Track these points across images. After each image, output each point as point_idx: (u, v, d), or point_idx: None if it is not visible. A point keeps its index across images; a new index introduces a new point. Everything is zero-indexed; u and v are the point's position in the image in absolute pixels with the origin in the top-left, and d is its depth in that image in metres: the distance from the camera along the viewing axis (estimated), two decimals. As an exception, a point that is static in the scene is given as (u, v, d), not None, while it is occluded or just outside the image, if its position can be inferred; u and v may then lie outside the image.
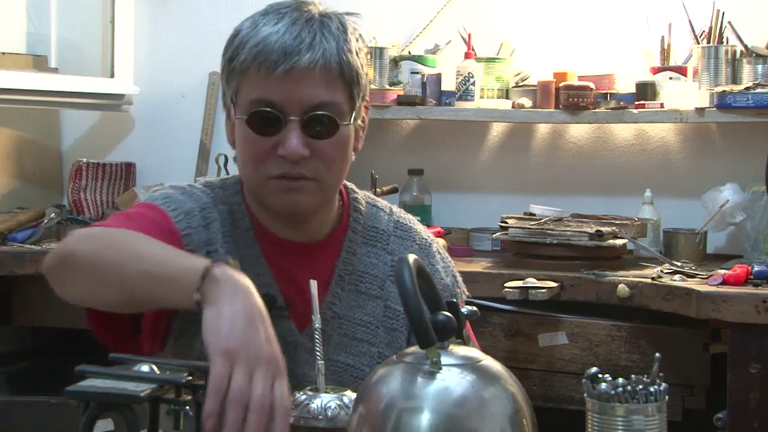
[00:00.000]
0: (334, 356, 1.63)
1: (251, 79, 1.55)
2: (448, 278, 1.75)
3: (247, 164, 1.60)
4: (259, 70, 1.54)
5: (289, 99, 1.53)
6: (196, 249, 1.57)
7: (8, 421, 2.89)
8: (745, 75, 2.98)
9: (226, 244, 1.61)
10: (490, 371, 1.19)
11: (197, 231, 1.59)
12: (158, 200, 1.61)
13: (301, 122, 1.54)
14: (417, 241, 1.74)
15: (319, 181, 1.58)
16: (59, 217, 3.32)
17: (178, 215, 1.58)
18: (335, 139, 1.57)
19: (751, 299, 2.48)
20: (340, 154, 1.59)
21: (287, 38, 1.53)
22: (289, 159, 1.54)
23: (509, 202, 3.34)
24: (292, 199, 1.57)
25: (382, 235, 1.71)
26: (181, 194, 1.62)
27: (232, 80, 1.59)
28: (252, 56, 1.54)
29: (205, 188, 1.66)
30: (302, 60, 1.52)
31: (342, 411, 1.32)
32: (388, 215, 1.74)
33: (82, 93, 3.49)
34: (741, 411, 2.50)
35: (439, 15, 3.42)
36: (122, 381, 1.18)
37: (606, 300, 2.72)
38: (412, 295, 1.17)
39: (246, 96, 1.57)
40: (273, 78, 1.53)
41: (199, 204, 1.62)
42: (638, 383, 1.21)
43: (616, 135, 3.34)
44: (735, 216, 2.95)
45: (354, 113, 1.60)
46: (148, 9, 3.71)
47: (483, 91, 3.24)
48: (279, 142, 1.55)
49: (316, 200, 1.60)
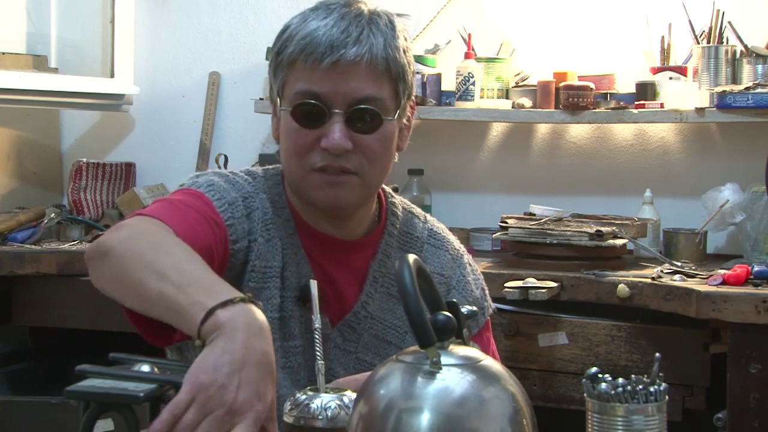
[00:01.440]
0: (362, 355, 1.65)
1: (298, 72, 1.56)
2: (477, 291, 1.76)
3: (290, 156, 1.60)
4: (305, 62, 1.55)
5: (334, 92, 1.55)
6: (239, 239, 1.57)
7: (8, 421, 2.89)
8: (745, 75, 2.98)
9: (267, 232, 1.61)
10: (490, 371, 1.19)
11: (240, 221, 1.58)
12: (203, 187, 1.59)
13: (345, 115, 1.55)
14: (450, 251, 1.75)
15: (361, 176, 1.58)
16: (59, 217, 3.32)
17: (222, 205, 1.57)
18: (379, 134, 1.58)
19: (751, 299, 2.48)
20: (383, 150, 1.59)
21: (335, 32, 1.54)
22: (331, 151, 1.55)
23: (509, 202, 3.34)
24: (335, 193, 1.58)
25: (416, 242, 1.72)
26: (225, 182, 1.62)
27: (279, 73, 1.60)
28: (299, 48, 1.55)
29: (248, 176, 1.66)
30: (348, 53, 1.53)
31: (342, 411, 1.31)
32: (423, 223, 1.75)
33: (82, 93, 3.50)
34: (741, 411, 2.50)
35: (439, 15, 3.42)
36: (122, 381, 1.18)
37: (606, 300, 2.72)
38: (412, 295, 1.17)
39: (292, 88, 1.58)
40: (319, 70, 1.54)
41: (242, 193, 1.61)
42: (638, 383, 1.21)
43: (616, 135, 3.34)
44: (735, 216, 2.95)
45: (399, 111, 1.60)
46: (148, 9, 3.71)
47: (483, 91, 3.24)
48: (323, 134, 1.56)
49: (357, 196, 1.61)
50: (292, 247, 1.62)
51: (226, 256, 1.56)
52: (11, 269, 3.03)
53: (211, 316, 1.23)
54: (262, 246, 1.60)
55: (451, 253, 1.75)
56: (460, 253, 1.78)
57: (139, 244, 1.41)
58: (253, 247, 1.59)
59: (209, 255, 1.49)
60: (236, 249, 1.57)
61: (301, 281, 1.62)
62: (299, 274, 1.62)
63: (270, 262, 1.60)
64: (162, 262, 1.35)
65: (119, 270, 1.39)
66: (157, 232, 1.45)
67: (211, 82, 3.64)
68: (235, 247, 1.57)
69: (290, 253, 1.62)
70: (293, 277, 1.62)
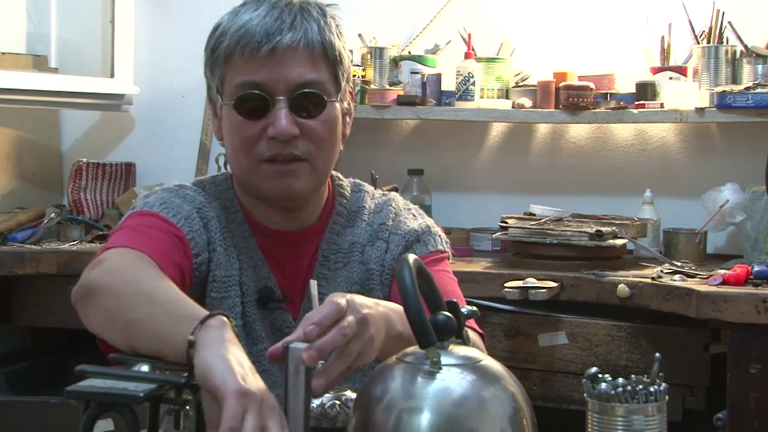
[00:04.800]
0: None
1: (236, 65, 1.57)
2: (415, 223, 1.72)
3: (238, 151, 1.60)
4: (243, 53, 1.55)
5: (274, 79, 1.55)
6: (200, 251, 1.58)
7: (8, 421, 2.89)
8: (745, 75, 2.98)
9: (224, 241, 1.62)
10: (490, 371, 1.19)
11: (198, 234, 1.59)
12: (156, 207, 1.59)
13: (289, 102, 1.56)
14: (392, 206, 1.74)
15: (311, 162, 1.59)
16: (59, 217, 3.32)
17: (179, 220, 1.58)
18: (324, 117, 1.59)
19: (751, 299, 2.48)
20: (329, 134, 1.60)
21: (268, 20, 1.56)
22: (279, 139, 1.56)
23: (509, 202, 3.34)
24: (287, 183, 1.58)
25: (363, 213, 1.72)
26: (176, 197, 1.62)
27: (216, 70, 1.60)
28: (235, 41, 1.56)
29: (197, 187, 1.67)
30: (284, 39, 1.54)
31: (342, 411, 1.32)
32: (372, 197, 1.75)
33: (82, 93, 3.50)
34: (741, 411, 2.50)
35: (439, 15, 3.42)
36: (122, 381, 1.18)
37: (606, 300, 2.72)
38: (412, 295, 1.17)
39: (231, 82, 1.58)
40: (257, 59, 1.55)
41: (195, 205, 1.62)
42: (638, 383, 1.21)
43: (616, 135, 3.34)
44: (735, 216, 2.95)
45: (340, 94, 1.61)
46: (148, 9, 3.71)
47: (483, 91, 3.24)
48: (268, 123, 1.56)
49: (309, 183, 1.61)
50: (248, 250, 1.63)
51: (191, 270, 1.57)
52: (11, 269, 3.03)
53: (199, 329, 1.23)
54: (221, 255, 1.61)
55: (392, 206, 1.74)
56: (404, 203, 1.77)
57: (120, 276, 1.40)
58: (213, 258, 1.60)
59: (179, 271, 1.50)
60: (199, 262, 1.58)
61: (259, 283, 1.63)
62: (257, 277, 1.63)
63: (228, 270, 1.61)
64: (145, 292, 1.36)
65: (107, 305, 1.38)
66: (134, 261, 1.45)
67: (211, 82, 3.64)
68: (198, 260, 1.58)
69: (246, 257, 1.63)
70: (251, 282, 1.63)
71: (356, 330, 1.25)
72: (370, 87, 3.28)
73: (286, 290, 1.65)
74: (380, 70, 3.31)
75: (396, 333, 1.33)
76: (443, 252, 1.73)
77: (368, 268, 1.68)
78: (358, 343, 1.25)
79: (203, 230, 1.60)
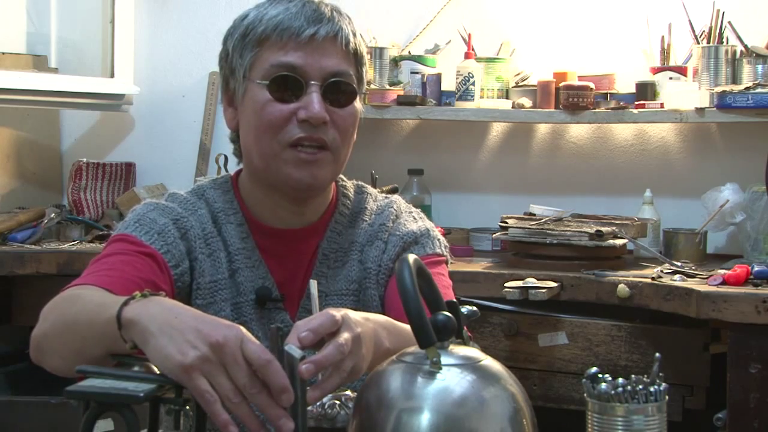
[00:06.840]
0: None
1: (272, 47, 1.59)
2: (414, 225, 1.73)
3: (262, 134, 1.60)
4: (281, 37, 1.58)
5: (311, 65, 1.58)
6: (179, 262, 1.60)
7: (8, 421, 2.89)
8: (745, 75, 2.98)
9: (207, 248, 1.63)
10: (490, 371, 1.19)
11: (174, 245, 1.60)
12: (130, 227, 1.61)
13: (322, 87, 1.58)
14: (393, 207, 1.75)
15: (334, 152, 1.61)
16: (59, 217, 3.32)
17: (150, 237, 1.59)
18: (351, 109, 1.62)
19: (751, 299, 2.48)
20: (353, 126, 1.64)
21: (307, 10, 1.60)
22: (312, 122, 1.57)
23: (509, 202, 3.34)
24: (309, 172, 1.60)
25: (365, 214, 1.73)
26: (153, 211, 1.64)
27: (246, 53, 1.61)
28: (272, 26, 1.59)
29: (187, 195, 1.68)
30: (325, 28, 1.59)
31: (342, 411, 1.32)
32: (374, 199, 1.77)
33: (82, 93, 3.50)
34: (741, 411, 2.50)
35: (439, 15, 3.42)
36: (122, 381, 1.18)
37: (606, 300, 2.72)
38: (412, 295, 1.17)
39: (264, 63, 1.59)
40: (296, 43, 1.58)
41: (171, 217, 1.63)
42: (638, 383, 1.21)
43: (616, 135, 3.34)
44: (735, 216, 2.95)
45: (360, 93, 1.65)
46: (148, 9, 3.71)
47: (483, 91, 3.24)
48: (299, 107, 1.58)
49: (330, 174, 1.64)
50: (246, 251, 1.65)
51: (171, 281, 1.58)
52: (11, 269, 3.03)
53: (120, 318, 1.26)
54: (204, 263, 1.62)
55: (394, 208, 1.75)
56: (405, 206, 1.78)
57: (58, 312, 1.41)
58: (195, 266, 1.62)
59: (154, 287, 1.50)
60: (179, 272, 1.59)
61: (256, 283, 1.64)
62: (254, 277, 1.64)
63: (215, 276, 1.63)
64: (80, 308, 1.37)
65: (60, 341, 1.39)
66: (78, 296, 1.44)
67: (211, 82, 3.64)
68: (178, 271, 1.59)
69: (242, 258, 1.64)
70: (247, 282, 1.64)
71: (351, 347, 1.26)
72: (370, 87, 3.28)
73: (284, 289, 1.66)
74: (380, 70, 3.31)
75: (384, 349, 1.34)
76: (441, 255, 1.74)
77: (366, 267, 1.69)
78: (352, 360, 1.27)
79: (181, 240, 1.61)
